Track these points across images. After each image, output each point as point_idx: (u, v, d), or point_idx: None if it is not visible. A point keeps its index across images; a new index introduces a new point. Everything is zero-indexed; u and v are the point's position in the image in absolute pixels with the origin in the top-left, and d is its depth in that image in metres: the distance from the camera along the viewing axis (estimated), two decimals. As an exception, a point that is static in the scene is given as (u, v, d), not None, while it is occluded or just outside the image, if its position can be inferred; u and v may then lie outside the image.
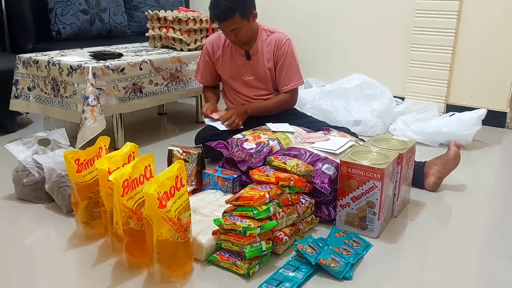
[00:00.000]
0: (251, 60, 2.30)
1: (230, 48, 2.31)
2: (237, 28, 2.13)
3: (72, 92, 2.27)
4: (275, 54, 2.29)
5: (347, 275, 1.38)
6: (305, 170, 1.63)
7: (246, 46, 2.28)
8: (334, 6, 3.44)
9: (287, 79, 2.29)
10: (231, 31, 2.15)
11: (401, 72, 3.22)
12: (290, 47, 2.28)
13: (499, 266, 1.50)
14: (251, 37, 2.25)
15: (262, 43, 2.29)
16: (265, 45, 2.29)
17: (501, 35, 2.88)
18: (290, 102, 2.37)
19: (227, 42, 2.31)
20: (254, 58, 2.29)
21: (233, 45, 2.29)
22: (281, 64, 2.28)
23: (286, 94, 2.32)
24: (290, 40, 2.30)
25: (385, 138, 1.90)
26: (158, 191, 1.24)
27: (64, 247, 1.56)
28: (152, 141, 2.67)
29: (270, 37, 2.30)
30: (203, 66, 2.42)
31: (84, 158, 1.56)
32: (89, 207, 1.57)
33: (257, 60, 2.30)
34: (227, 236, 1.41)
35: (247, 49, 2.29)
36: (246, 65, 2.30)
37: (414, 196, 1.94)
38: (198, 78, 2.49)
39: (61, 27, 3.20)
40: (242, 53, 2.30)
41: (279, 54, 2.28)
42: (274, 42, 2.28)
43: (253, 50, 2.29)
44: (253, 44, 2.28)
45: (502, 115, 2.98)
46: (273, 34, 2.31)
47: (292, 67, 2.30)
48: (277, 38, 2.28)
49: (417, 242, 1.64)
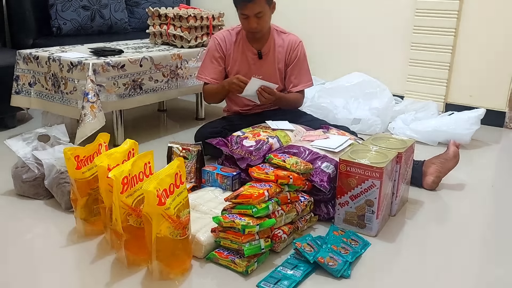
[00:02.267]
0: (262, 59, 2.28)
1: (242, 45, 2.28)
2: (261, 12, 2.09)
3: (72, 88, 2.27)
4: (288, 56, 2.29)
5: (345, 273, 1.39)
6: (304, 168, 1.64)
7: (259, 44, 2.27)
8: (334, 5, 3.44)
9: (297, 80, 2.30)
10: (254, 16, 2.09)
11: (400, 71, 3.22)
12: (303, 49, 2.31)
13: (497, 264, 1.51)
14: (267, 31, 2.24)
15: (275, 43, 2.28)
16: (277, 46, 2.29)
17: (500, 35, 2.88)
18: (301, 101, 2.38)
19: (238, 39, 2.28)
20: (266, 58, 2.28)
21: (244, 43, 2.27)
22: (293, 65, 2.29)
23: (299, 93, 2.33)
24: (302, 42, 2.32)
25: (384, 136, 1.90)
26: (157, 189, 1.25)
27: (63, 244, 1.56)
28: (152, 137, 2.68)
29: (282, 37, 2.30)
30: (212, 63, 2.28)
31: (83, 155, 1.56)
32: (88, 204, 1.57)
33: (269, 60, 2.29)
34: (226, 234, 1.42)
35: (259, 48, 2.27)
36: (256, 64, 2.28)
37: (413, 195, 1.95)
38: (205, 77, 2.29)
39: (61, 23, 3.20)
40: (254, 51, 2.28)
41: (292, 56, 2.29)
42: (288, 44, 2.29)
43: (265, 49, 2.27)
44: (265, 43, 2.27)
45: (501, 114, 2.99)
46: (285, 35, 2.31)
47: (304, 68, 2.32)
48: (290, 40, 2.29)
49: (416, 240, 1.65)
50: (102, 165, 1.41)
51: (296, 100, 2.35)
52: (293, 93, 2.32)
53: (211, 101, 2.42)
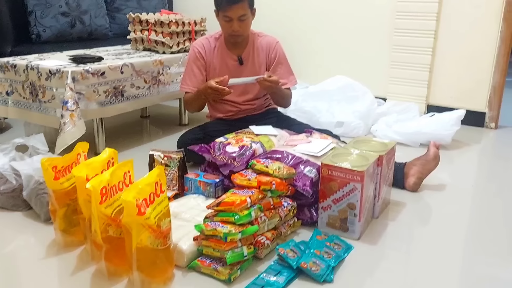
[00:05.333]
0: (243, 65, 2.27)
1: (221, 52, 2.25)
2: (245, 15, 2.09)
3: (50, 96, 2.24)
4: (268, 58, 2.28)
5: (328, 278, 1.38)
6: (287, 173, 1.63)
7: (238, 50, 2.25)
8: (316, 8, 3.46)
9: (283, 80, 2.27)
10: (238, 19, 2.09)
11: (382, 74, 3.25)
12: (281, 49, 2.29)
13: (480, 262, 1.53)
14: (247, 36, 2.23)
15: (254, 47, 2.27)
16: (256, 49, 2.27)
17: (479, 36, 2.92)
18: (291, 99, 2.35)
19: (216, 46, 2.26)
20: (246, 63, 2.27)
21: (223, 50, 2.25)
22: (275, 66, 2.27)
23: (289, 90, 2.31)
24: (279, 42, 2.31)
25: (365, 139, 1.91)
26: (137, 198, 1.23)
27: (42, 255, 1.53)
28: (134, 144, 2.65)
29: (260, 40, 2.29)
30: (193, 71, 2.24)
31: (61, 165, 1.53)
32: (67, 215, 1.55)
33: (249, 65, 2.27)
34: (208, 242, 1.41)
35: (239, 54, 2.26)
36: (237, 70, 2.23)
37: (395, 197, 1.96)
38: (187, 87, 2.23)
39: (40, 30, 3.16)
40: (234, 58, 2.26)
41: (271, 57, 2.28)
42: (265, 46, 2.28)
43: (245, 55, 2.26)
44: (245, 48, 2.26)
45: (481, 115, 3.03)
46: (262, 37, 2.30)
47: (286, 67, 2.31)
48: (268, 42, 2.28)
49: (398, 242, 1.66)
50: (80, 176, 1.39)
51: (288, 96, 2.32)
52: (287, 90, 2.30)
53: (191, 110, 2.37)
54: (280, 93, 2.24)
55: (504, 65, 2.91)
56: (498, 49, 2.89)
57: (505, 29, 2.84)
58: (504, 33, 2.85)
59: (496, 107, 3.00)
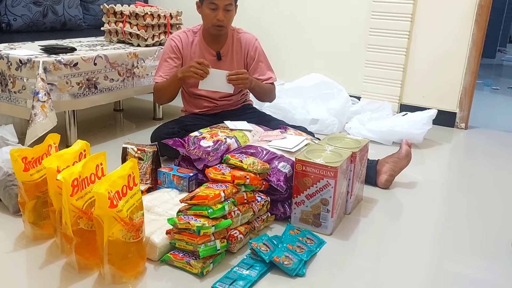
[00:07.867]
0: (221, 61, 2.25)
1: (200, 47, 2.23)
2: (231, 5, 2.10)
3: (21, 87, 2.18)
4: (247, 55, 2.28)
5: (300, 272, 1.40)
6: (261, 168, 1.64)
7: (217, 45, 2.24)
8: (292, 6, 3.47)
9: (263, 77, 2.28)
10: (224, 8, 2.08)
11: (357, 72, 3.29)
12: (260, 46, 2.30)
13: (448, 259, 1.57)
14: (226, 32, 2.22)
15: (233, 44, 2.27)
16: (235, 46, 2.27)
17: (452, 37, 2.99)
18: (274, 93, 2.35)
19: (195, 40, 2.24)
20: (225, 59, 2.26)
21: (202, 44, 2.23)
22: (255, 64, 2.28)
23: (271, 85, 2.32)
24: (258, 39, 2.31)
25: (339, 137, 1.93)
26: (109, 191, 1.22)
27: (11, 249, 1.50)
28: (107, 138, 2.61)
29: (238, 37, 2.28)
30: (169, 64, 2.20)
31: (32, 156, 1.50)
32: (37, 207, 1.51)
33: (228, 61, 2.26)
34: (181, 236, 1.40)
35: (218, 49, 2.24)
36: (215, 66, 2.18)
37: (367, 193, 1.99)
38: (159, 77, 2.20)
39: (11, 19, 3.06)
40: (213, 53, 2.24)
41: (250, 55, 2.28)
42: (244, 43, 2.28)
43: (224, 50, 2.25)
44: (224, 43, 2.25)
45: (452, 115, 3.11)
46: (241, 34, 2.30)
47: (266, 64, 2.31)
48: (246, 39, 2.28)
49: (370, 238, 1.69)
50: (51, 167, 1.36)
51: (270, 90, 2.31)
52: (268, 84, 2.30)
53: (162, 99, 2.28)
54: (258, 89, 2.24)
55: (475, 67, 2.99)
56: (470, 51, 2.96)
57: (477, 31, 2.92)
58: (475, 36, 2.93)
59: (466, 108, 3.08)
